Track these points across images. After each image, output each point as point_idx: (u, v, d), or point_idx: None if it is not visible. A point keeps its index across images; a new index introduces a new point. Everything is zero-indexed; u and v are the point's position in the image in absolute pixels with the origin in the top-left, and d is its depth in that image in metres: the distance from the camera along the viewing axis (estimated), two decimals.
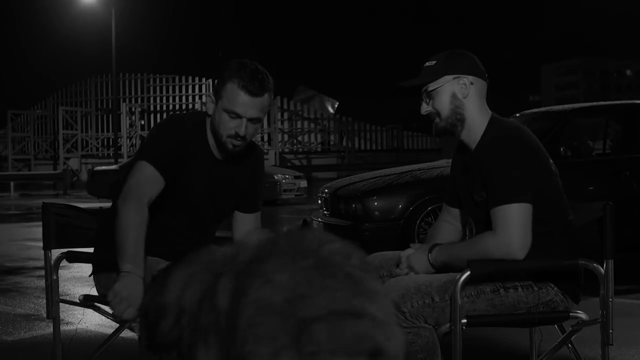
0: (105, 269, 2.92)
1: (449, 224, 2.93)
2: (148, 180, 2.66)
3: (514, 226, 2.50)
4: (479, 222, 2.72)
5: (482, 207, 2.65)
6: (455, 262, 2.59)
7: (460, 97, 2.68)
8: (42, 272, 3.17)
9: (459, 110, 2.68)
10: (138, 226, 2.54)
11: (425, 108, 2.74)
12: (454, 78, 2.68)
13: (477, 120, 2.69)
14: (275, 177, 17.00)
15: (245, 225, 2.99)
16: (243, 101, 2.67)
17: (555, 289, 2.63)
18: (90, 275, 3.03)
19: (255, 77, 2.68)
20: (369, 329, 1.62)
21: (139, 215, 2.56)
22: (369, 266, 1.82)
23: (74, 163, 30.04)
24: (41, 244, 3.01)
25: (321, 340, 1.58)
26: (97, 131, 35.44)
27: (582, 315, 2.67)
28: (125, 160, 26.02)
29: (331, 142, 34.51)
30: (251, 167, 2.97)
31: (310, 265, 1.73)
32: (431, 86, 2.70)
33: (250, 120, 2.70)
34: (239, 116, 2.69)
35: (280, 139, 33.22)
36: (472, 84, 2.69)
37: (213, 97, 2.76)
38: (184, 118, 2.90)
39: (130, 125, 33.40)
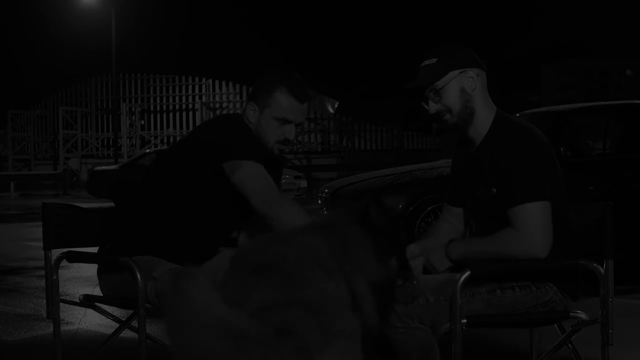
0: (107, 269, 2.92)
1: (449, 224, 2.92)
2: (268, 176, 2.72)
3: (535, 225, 2.51)
4: (481, 218, 2.72)
5: (485, 202, 2.65)
6: (475, 257, 2.60)
7: (469, 91, 2.67)
8: (42, 272, 3.17)
9: (469, 103, 2.67)
10: (302, 213, 2.64)
11: (434, 107, 2.71)
12: (460, 72, 2.68)
13: (483, 114, 2.69)
14: None
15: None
16: (293, 108, 2.81)
17: (554, 288, 2.63)
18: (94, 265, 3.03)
19: (302, 85, 2.83)
20: (296, 314, 1.78)
21: (296, 206, 2.67)
22: (311, 264, 1.98)
23: (74, 163, 30.04)
24: (41, 244, 3.00)
25: (251, 333, 1.72)
26: (97, 131, 35.44)
27: (582, 315, 2.67)
28: (125, 160, 25.98)
29: (331, 142, 34.49)
30: (274, 173, 3.00)
31: (249, 271, 1.93)
32: (439, 84, 2.68)
33: (297, 125, 2.84)
34: (289, 122, 2.81)
35: None
36: (477, 75, 2.69)
37: (255, 105, 2.83)
38: (234, 121, 2.89)
39: (130, 125, 33.41)
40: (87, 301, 3.00)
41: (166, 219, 2.85)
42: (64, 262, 2.91)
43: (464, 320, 2.49)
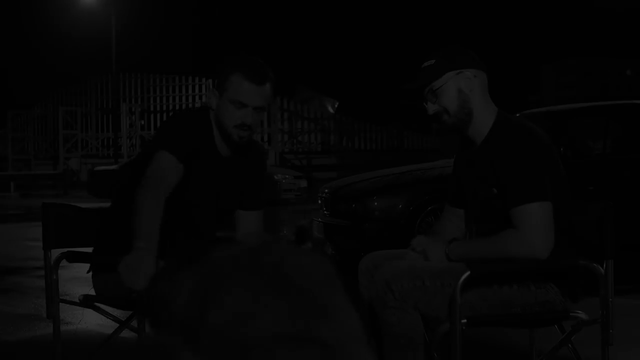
0: (104, 269, 2.92)
1: (452, 223, 2.91)
2: (167, 168, 2.68)
3: (536, 225, 2.51)
4: (482, 218, 2.72)
5: (486, 202, 2.65)
6: (475, 258, 2.59)
7: (466, 92, 2.68)
8: (42, 272, 3.17)
9: (466, 104, 2.68)
10: (153, 209, 2.57)
11: (432, 108, 2.72)
12: (457, 73, 2.68)
13: (483, 114, 2.70)
14: (275, 177, 17.01)
15: (247, 223, 2.99)
16: (249, 90, 2.75)
17: (555, 289, 2.63)
18: (87, 272, 3.02)
19: (259, 67, 2.78)
20: (312, 352, 1.63)
21: (154, 199, 2.58)
22: (333, 280, 1.82)
23: (74, 163, 30.04)
24: (41, 244, 3.00)
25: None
26: (97, 131, 35.45)
27: (582, 315, 2.67)
28: (125, 160, 25.99)
29: (331, 142, 34.50)
30: (253, 165, 2.99)
31: (263, 281, 1.76)
32: (436, 84, 2.69)
33: (255, 109, 2.77)
34: (244, 105, 2.75)
35: (280, 139, 33.20)
36: (475, 76, 2.70)
37: (216, 92, 2.81)
38: (193, 113, 2.94)
39: (130, 125, 33.40)
40: (87, 301, 3.00)
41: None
42: (64, 262, 2.91)
43: (464, 320, 2.49)
